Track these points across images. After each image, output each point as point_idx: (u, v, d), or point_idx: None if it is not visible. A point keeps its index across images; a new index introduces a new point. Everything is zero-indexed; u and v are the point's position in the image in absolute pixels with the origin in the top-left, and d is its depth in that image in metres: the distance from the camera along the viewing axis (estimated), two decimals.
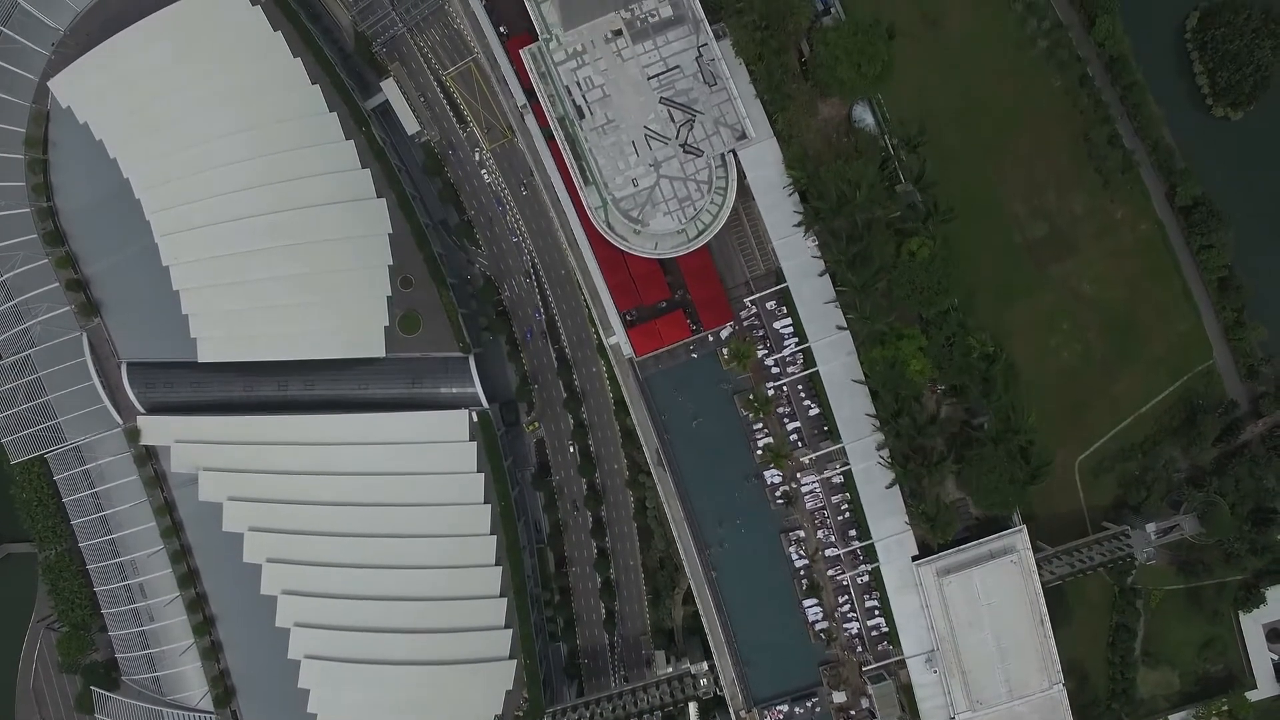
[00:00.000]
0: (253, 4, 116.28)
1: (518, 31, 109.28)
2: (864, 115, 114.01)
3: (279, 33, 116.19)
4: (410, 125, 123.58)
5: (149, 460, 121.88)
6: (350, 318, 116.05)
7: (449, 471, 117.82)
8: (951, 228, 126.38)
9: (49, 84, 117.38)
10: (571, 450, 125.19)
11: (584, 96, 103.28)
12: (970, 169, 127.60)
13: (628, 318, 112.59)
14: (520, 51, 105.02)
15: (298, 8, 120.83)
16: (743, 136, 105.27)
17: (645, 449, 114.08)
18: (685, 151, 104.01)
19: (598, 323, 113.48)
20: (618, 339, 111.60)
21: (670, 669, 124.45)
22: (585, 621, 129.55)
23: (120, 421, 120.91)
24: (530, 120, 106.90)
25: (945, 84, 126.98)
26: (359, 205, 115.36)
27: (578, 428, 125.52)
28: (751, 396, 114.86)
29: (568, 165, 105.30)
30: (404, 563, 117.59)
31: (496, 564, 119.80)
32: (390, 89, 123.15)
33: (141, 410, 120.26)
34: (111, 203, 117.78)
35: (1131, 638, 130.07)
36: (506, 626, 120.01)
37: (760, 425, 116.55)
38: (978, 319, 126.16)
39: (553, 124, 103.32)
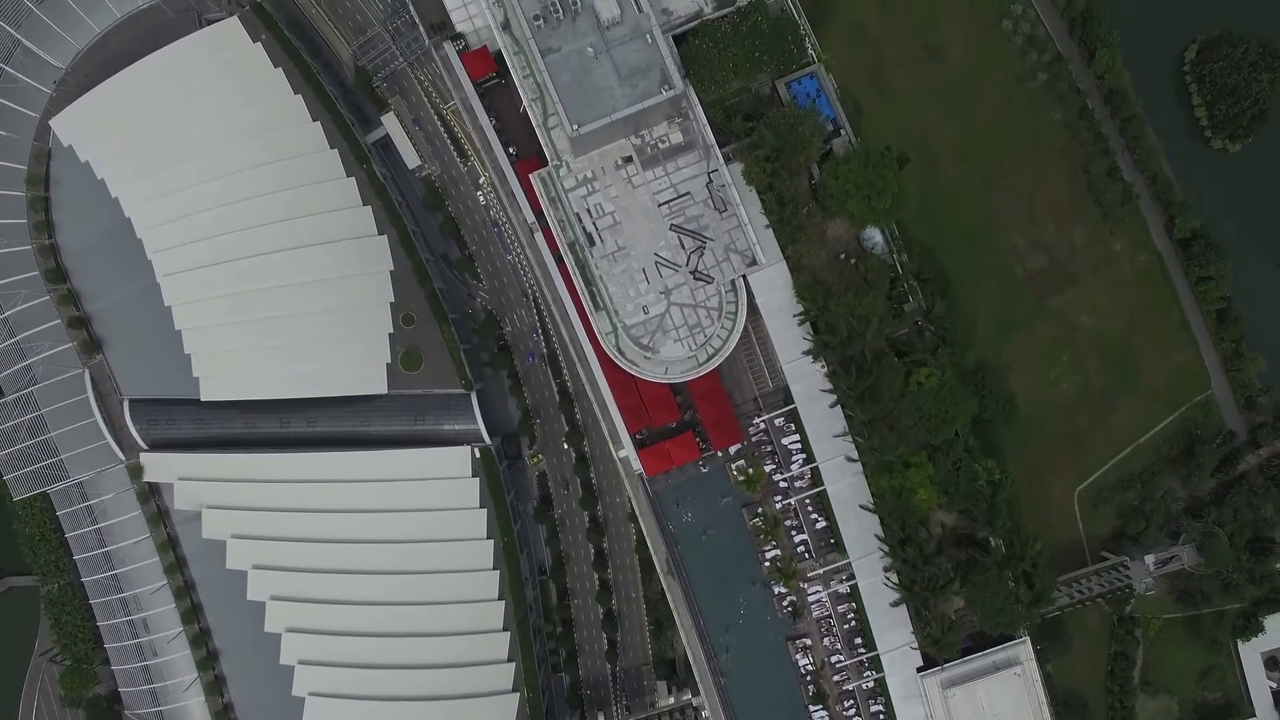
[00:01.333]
0: (254, 41, 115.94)
1: (527, 154, 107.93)
2: (873, 235, 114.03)
3: (279, 69, 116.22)
4: (411, 159, 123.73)
5: (152, 497, 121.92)
6: (352, 355, 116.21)
7: (452, 508, 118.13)
8: (952, 260, 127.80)
9: (50, 123, 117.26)
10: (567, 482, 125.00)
11: (594, 223, 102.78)
12: (970, 201, 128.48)
13: (638, 437, 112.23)
14: (530, 176, 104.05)
15: (298, 43, 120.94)
16: (753, 263, 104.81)
17: (655, 558, 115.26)
18: (696, 278, 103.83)
19: (607, 436, 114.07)
20: (627, 453, 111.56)
21: (672, 700, 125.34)
22: (587, 653, 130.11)
23: (123, 458, 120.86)
24: (540, 239, 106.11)
25: (946, 115, 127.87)
26: (361, 243, 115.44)
27: (579, 461, 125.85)
28: (760, 516, 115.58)
29: (578, 290, 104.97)
30: (407, 599, 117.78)
31: (499, 599, 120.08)
32: (391, 123, 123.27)
33: (144, 446, 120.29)
34: (113, 240, 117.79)
35: (1130, 666, 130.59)
36: (509, 660, 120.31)
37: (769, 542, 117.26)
38: (978, 351, 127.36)
39: (563, 249, 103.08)
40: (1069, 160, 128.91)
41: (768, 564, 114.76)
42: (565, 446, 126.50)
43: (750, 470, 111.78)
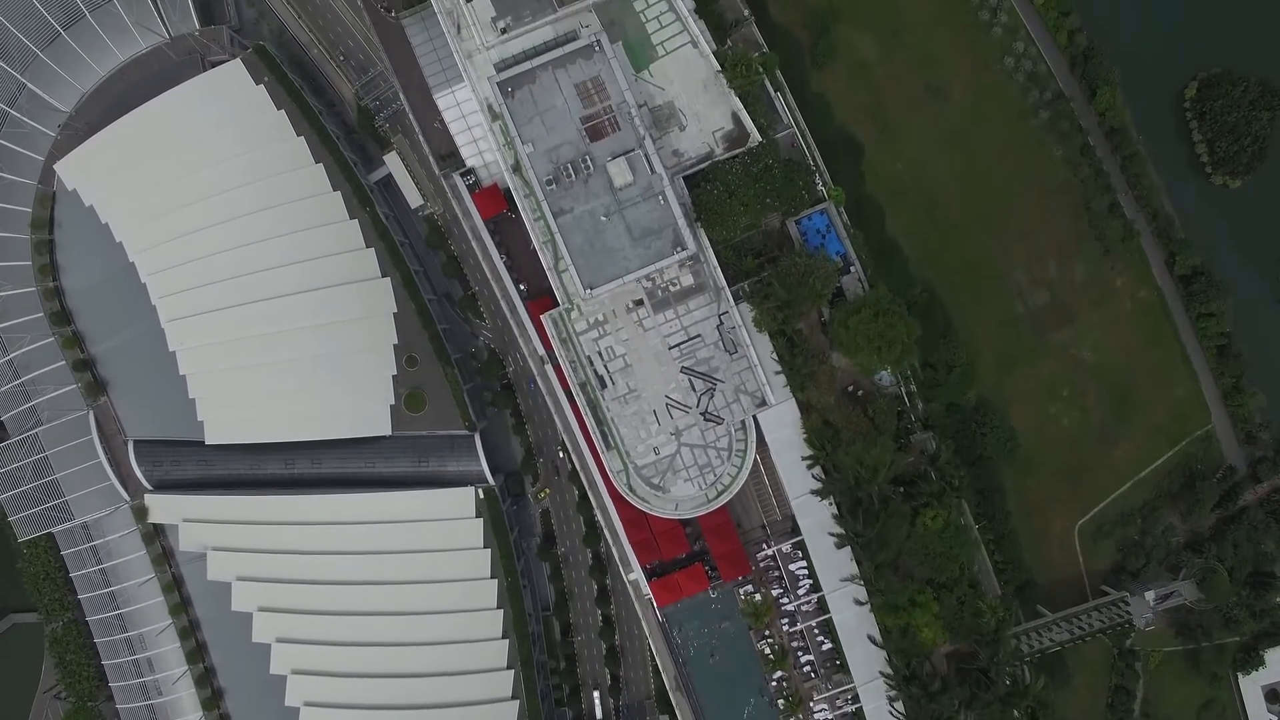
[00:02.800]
0: (257, 84, 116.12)
1: (539, 291, 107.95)
2: (882, 373, 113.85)
3: (282, 111, 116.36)
4: (413, 199, 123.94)
5: (157, 537, 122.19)
6: (356, 398, 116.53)
7: (456, 548, 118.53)
8: (953, 297, 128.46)
9: (55, 167, 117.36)
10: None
11: (605, 366, 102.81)
12: (972, 237, 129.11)
13: (648, 568, 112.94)
14: (541, 317, 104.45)
15: (301, 83, 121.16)
16: (763, 403, 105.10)
17: (664, 676, 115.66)
18: (706, 419, 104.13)
19: (617, 560, 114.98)
20: (637, 577, 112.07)
21: None
22: (591, 687, 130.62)
23: (127, 499, 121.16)
24: (550, 371, 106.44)
25: (947, 153, 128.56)
26: (364, 285, 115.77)
27: (582, 499, 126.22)
28: (768, 640, 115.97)
29: (589, 428, 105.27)
30: (412, 639, 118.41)
31: (503, 637, 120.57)
32: (393, 162, 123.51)
33: (149, 487, 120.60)
34: (118, 282, 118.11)
35: (1130, 699, 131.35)
36: (514, 698, 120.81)
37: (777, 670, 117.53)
38: (979, 386, 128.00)
39: (574, 388, 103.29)
40: (1070, 197, 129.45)
41: (774, 683, 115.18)
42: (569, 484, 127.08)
43: (758, 598, 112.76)
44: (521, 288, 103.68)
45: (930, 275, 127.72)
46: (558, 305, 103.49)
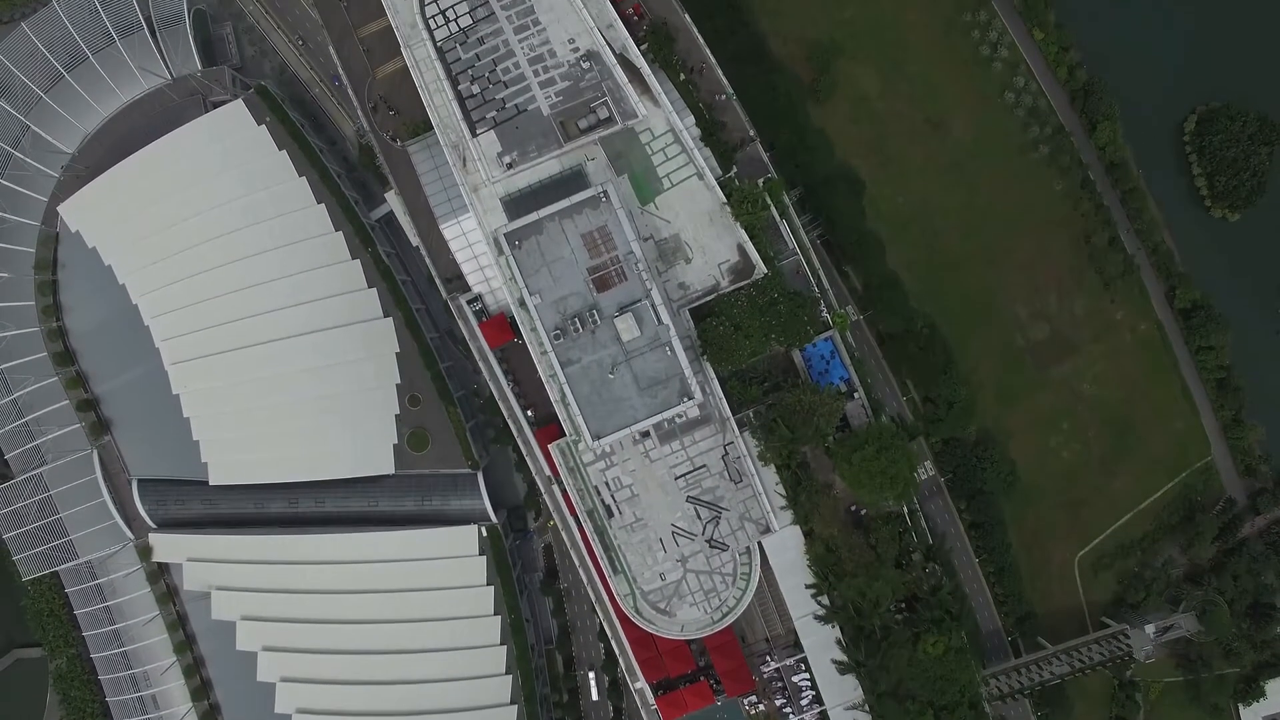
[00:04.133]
0: (259, 124, 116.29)
1: (546, 418, 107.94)
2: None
3: (284, 152, 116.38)
4: (414, 236, 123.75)
5: (161, 575, 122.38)
6: (360, 438, 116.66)
7: (460, 586, 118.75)
8: (954, 330, 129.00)
9: (59, 209, 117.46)
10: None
11: (613, 496, 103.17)
12: (972, 271, 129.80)
13: (654, 684, 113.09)
14: (549, 447, 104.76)
15: (302, 121, 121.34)
16: (767, 530, 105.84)
17: None
18: (711, 546, 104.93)
19: (624, 670, 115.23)
20: (642, 686, 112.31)
21: None
22: None
23: (132, 537, 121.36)
24: (558, 492, 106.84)
25: (948, 187, 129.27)
26: (367, 325, 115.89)
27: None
28: None
29: (596, 553, 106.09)
30: (416, 677, 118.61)
31: (506, 673, 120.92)
32: (394, 199, 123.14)
33: (152, 526, 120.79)
34: (121, 322, 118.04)
35: None
36: None
37: None
38: (980, 419, 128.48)
39: (581, 515, 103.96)
40: (1070, 231, 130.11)
41: None
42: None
43: (762, 707, 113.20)
44: (529, 414, 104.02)
45: (931, 309, 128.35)
46: (565, 434, 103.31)
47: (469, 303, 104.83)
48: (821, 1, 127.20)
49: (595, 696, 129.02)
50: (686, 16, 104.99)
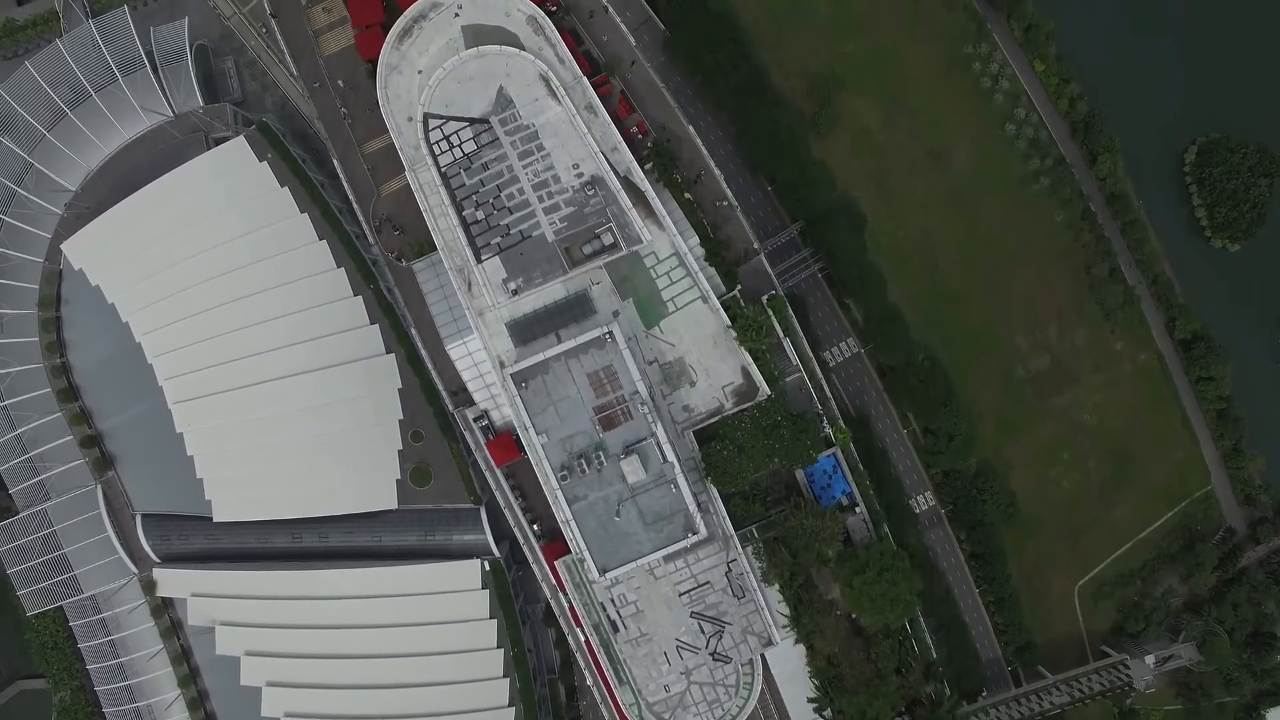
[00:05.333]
0: (260, 160, 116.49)
1: (553, 533, 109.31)
2: None
3: (285, 188, 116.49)
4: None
5: (165, 610, 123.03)
6: (363, 474, 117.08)
7: (462, 620, 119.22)
8: (955, 362, 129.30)
9: (62, 247, 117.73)
10: None
11: (618, 612, 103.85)
12: (973, 303, 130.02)
13: None
14: (555, 563, 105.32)
15: (303, 155, 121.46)
16: (769, 643, 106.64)
17: None
18: (715, 659, 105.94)
19: None
20: None
21: None
22: None
23: (135, 572, 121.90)
24: (564, 601, 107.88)
25: (949, 218, 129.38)
26: (369, 361, 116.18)
27: None
28: None
29: (601, 664, 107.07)
30: (420, 710, 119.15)
31: (510, 705, 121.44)
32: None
33: (156, 560, 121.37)
34: (125, 358, 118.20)
35: None
36: None
37: None
38: (980, 450, 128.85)
39: (587, 628, 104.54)
40: (1071, 262, 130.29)
41: None
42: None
43: None
44: (535, 528, 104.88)
45: (932, 341, 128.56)
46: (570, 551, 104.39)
47: (475, 420, 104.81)
48: (823, 34, 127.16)
49: None
50: (690, 128, 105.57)
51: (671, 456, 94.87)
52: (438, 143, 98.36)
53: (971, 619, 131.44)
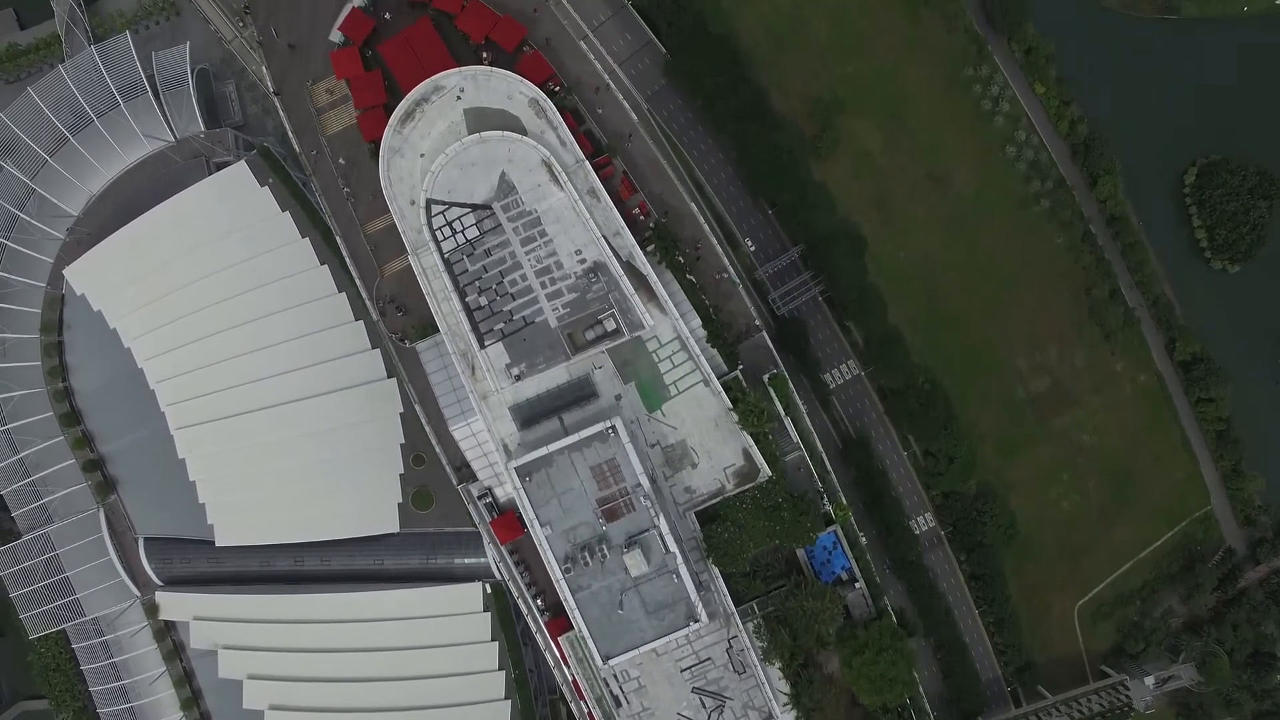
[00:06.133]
0: (261, 185, 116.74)
1: (557, 607, 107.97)
2: None
3: (286, 213, 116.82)
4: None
5: (168, 633, 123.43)
6: (365, 498, 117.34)
7: (465, 642, 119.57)
8: (955, 384, 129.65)
9: (64, 273, 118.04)
10: None
11: (620, 687, 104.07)
12: (973, 324, 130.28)
13: None
14: (559, 639, 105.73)
15: (304, 179, 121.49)
16: (770, 716, 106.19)
17: None
18: None
19: None
20: None
21: None
22: None
23: (138, 594, 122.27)
24: (568, 674, 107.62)
25: (950, 241, 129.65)
26: (370, 386, 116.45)
27: None
28: None
29: None
30: None
31: None
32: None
33: (159, 583, 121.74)
34: (127, 382, 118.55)
35: None
36: None
37: None
38: (980, 472, 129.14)
39: (590, 702, 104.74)
40: (1071, 283, 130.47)
41: None
42: None
43: None
44: (539, 603, 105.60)
45: (932, 363, 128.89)
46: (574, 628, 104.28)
47: (479, 497, 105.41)
48: (823, 57, 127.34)
49: None
50: (694, 205, 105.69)
51: (674, 548, 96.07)
52: (440, 228, 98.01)
53: (971, 639, 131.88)
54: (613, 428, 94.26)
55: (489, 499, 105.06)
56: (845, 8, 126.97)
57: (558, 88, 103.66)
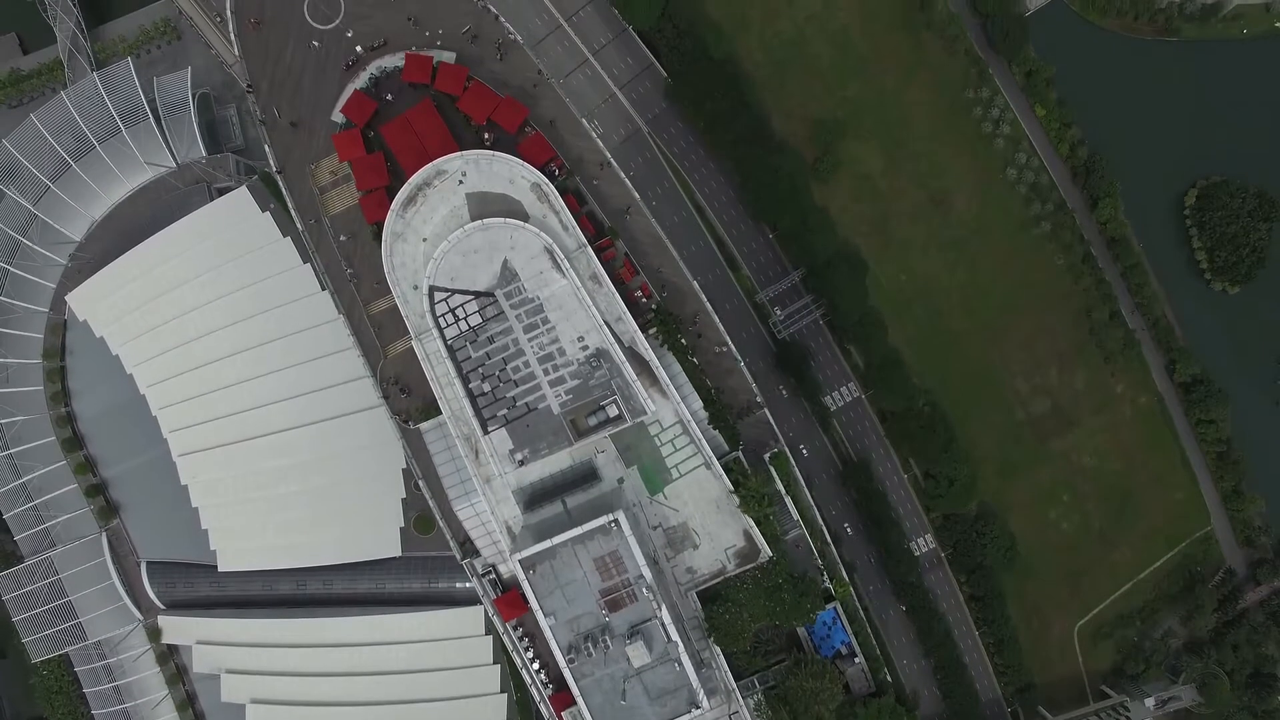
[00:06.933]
0: (263, 211, 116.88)
1: (560, 682, 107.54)
2: None
3: (288, 238, 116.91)
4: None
5: (170, 656, 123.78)
6: (367, 522, 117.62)
7: (467, 665, 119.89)
8: (956, 405, 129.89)
9: (67, 298, 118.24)
10: None
11: None
12: (974, 346, 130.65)
13: None
14: (563, 714, 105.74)
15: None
16: None
17: None
18: None
19: None
20: None
21: None
22: None
23: (140, 618, 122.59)
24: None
25: (951, 263, 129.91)
26: (372, 412, 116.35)
27: None
28: None
29: None
30: None
31: None
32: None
33: (162, 607, 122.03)
34: (129, 407, 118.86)
35: None
36: None
37: None
38: (981, 493, 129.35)
39: None
40: (1071, 305, 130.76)
41: None
42: None
43: None
44: (543, 675, 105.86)
45: (933, 386, 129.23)
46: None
47: (483, 574, 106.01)
48: (824, 79, 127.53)
49: None
50: (695, 283, 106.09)
51: (676, 637, 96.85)
52: (444, 315, 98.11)
53: (971, 660, 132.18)
54: (615, 521, 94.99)
55: (492, 575, 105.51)
56: (846, 31, 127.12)
57: (559, 170, 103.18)
